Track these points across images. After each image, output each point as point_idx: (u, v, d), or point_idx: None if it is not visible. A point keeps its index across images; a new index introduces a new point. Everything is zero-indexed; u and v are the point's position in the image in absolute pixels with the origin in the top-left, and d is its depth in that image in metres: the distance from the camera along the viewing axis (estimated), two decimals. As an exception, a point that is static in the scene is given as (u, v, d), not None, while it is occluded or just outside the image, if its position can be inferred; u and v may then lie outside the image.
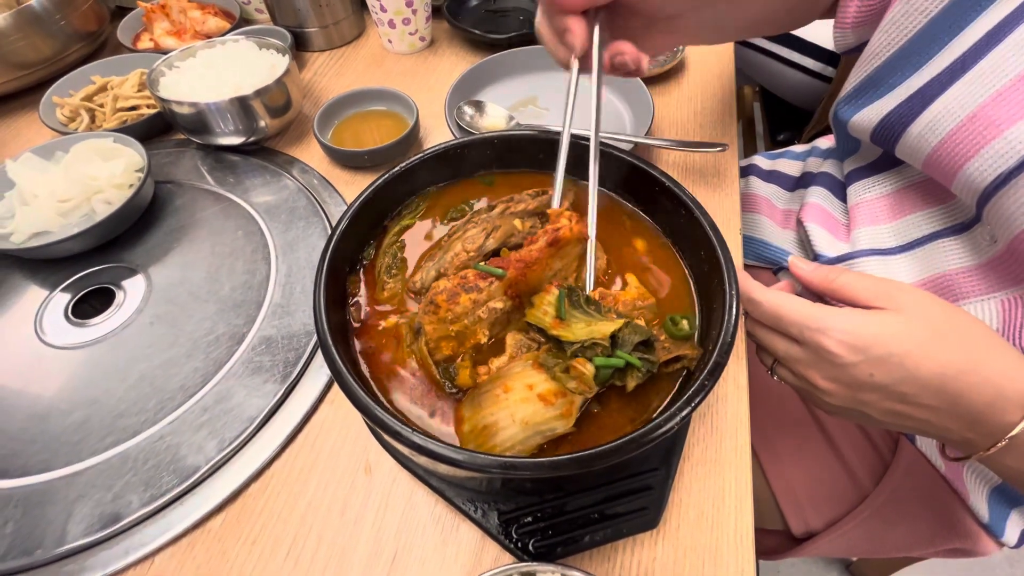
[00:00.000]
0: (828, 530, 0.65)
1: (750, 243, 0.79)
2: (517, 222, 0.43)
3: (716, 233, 0.40)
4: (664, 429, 0.31)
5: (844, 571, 1.31)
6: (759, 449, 0.67)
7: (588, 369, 0.33)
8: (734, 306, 0.37)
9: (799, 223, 0.77)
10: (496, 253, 0.42)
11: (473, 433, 0.36)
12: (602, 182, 0.50)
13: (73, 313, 0.53)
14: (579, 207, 0.44)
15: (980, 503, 0.59)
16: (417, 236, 0.47)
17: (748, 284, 0.42)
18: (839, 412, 0.42)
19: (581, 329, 0.35)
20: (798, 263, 0.44)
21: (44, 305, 0.54)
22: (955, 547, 0.65)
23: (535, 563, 0.32)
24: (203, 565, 0.40)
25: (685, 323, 0.38)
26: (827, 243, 0.70)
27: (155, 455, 0.44)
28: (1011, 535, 0.61)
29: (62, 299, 0.54)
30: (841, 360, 0.37)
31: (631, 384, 0.35)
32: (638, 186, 0.47)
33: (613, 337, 0.34)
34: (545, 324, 0.36)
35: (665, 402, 0.37)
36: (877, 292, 0.40)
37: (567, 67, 0.44)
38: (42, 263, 0.57)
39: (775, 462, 0.66)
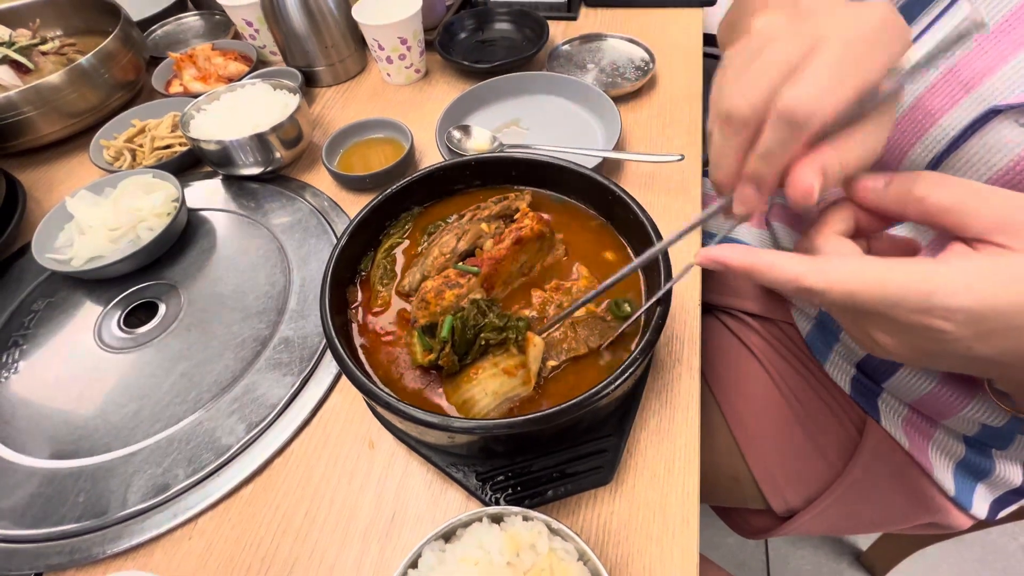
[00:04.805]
0: (808, 508, 0.70)
1: (727, 243, 0.85)
2: (484, 225, 0.51)
3: (655, 231, 0.48)
4: (601, 395, 0.39)
5: (855, 562, 1.32)
6: (736, 432, 0.72)
7: (538, 341, 0.41)
8: (667, 297, 0.44)
9: (768, 223, 0.83)
10: (471, 254, 0.50)
11: (455, 408, 0.44)
12: (567, 192, 0.58)
13: (124, 323, 0.63)
14: (537, 207, 0.53)
15: (946, 477, 0.63)
16: (403, 248, 0.55)
17: (786, 268, 0.29)
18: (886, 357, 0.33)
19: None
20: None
21: (101, 317, 0.63)
22: (930, 521, 0.69)
23: (503, 507, 0.40)
24: (237, 525, 0.49)
25: (627, 306, 0.45)
26: (791, 239, 0.76)
27: (195, 437, 0.52)
28: (979, 508, 0.64)
29: (115, 312, 0.64)
30: (947, 336, 0.27)
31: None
32: (597, 196, 0.55)
33: None
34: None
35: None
36: (1001, 218, 0.28)
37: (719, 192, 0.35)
38: (97, 283, 0.67)
39: (752, 444, 0.71)
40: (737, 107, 0.30)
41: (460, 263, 0.49)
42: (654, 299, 0.43)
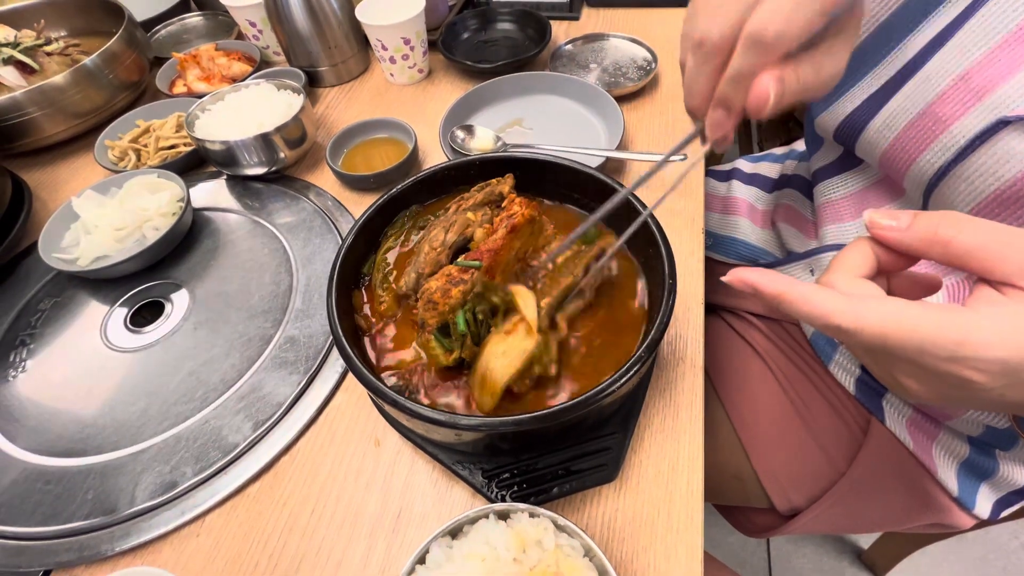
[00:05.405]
0: (811, 507, 0.70)
1: (732, 243, 0.85)
2: (470, 214, 0.52)
3: (659, 230, 0.48)
4: (606, 392, 0.39)
5: (856, 560, 1.33)
6: (740, 431, 0.72)
7: (524, 291, 0.44)
8: (671, 295, 0.44)
9: (773, 224, 0.83)
10: (465, 248, 0.51)
11: (479, 387, 0.44)
12: (570, 191, 0.58)
13: (131, 322, 0.63)
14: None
15: (949, 477, 0.63)
16: (401, 249, 0.55)
17: (817, 303, 0.28)
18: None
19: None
20: (878, 218, 0.30)
21: (107, 317, 0.64)
22: (932, 521, 0.69)
23: (509, 504, 0.40)
24: (244, 522, 0.49)
25: (594, 229, 0.49)
26: (797, 241, 0.76)
27: (203, 435, 0.53)
28: (983, 508, 0.64)
29: (121, 311, 0.64)
30: (978, 386, 0.27)
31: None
32: (600, 195, 0.55)
33: None
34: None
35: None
36: None
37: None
38: (104, 282, 0.67)
39: (756, 443, 0.71)
40: (708, 34, 0.33)
41: (460, 259, 0.49)
42: (638, 221, 0.44)
